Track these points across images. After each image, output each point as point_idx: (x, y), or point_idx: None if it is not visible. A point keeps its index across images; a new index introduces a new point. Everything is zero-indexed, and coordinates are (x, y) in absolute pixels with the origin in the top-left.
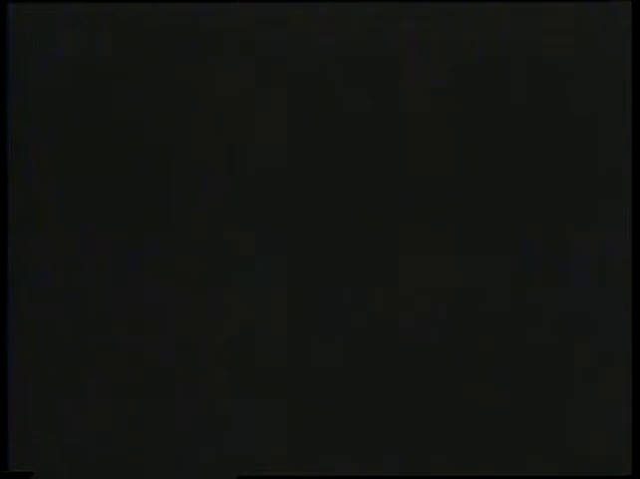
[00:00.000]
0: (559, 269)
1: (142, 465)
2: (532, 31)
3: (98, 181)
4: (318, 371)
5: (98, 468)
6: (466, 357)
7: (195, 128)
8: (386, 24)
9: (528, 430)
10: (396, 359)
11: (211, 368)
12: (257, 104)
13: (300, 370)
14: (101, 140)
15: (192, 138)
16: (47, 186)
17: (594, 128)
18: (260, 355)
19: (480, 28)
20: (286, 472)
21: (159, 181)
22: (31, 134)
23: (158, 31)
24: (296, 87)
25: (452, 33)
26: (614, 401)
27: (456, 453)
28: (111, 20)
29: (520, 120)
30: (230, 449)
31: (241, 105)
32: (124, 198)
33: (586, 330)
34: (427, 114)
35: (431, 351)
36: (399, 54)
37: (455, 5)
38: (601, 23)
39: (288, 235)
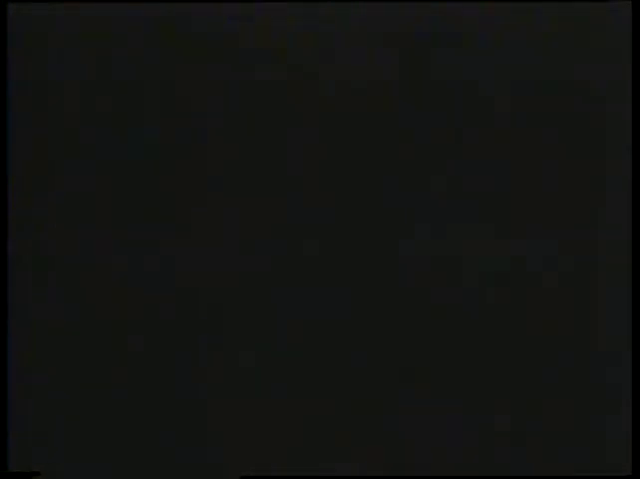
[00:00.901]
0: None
1: (142, 465)
2: (532, 31)
3: (98, 180)
4: (319, 372)
5: (98, 468)
6: (462, 356)
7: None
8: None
9: (527, 430)
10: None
11: (212, 367)
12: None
13: (302, 370)
14: (101, 139)
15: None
16: (47, 185)
17: (594, 128)
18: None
19: (478, 28)
20: (287, 472)
21: (159, 181)
22: (31, 134)
23: (157, 31)
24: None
25: (449, 34)
26: (614, 401)
27: (454, 452)
28: (110, 20)
29: (520, 121)
30: (233, 449)
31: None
32: (125, 197)
33: (586, 330)
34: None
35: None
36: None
37: (454, 5)
38: (601, 23)
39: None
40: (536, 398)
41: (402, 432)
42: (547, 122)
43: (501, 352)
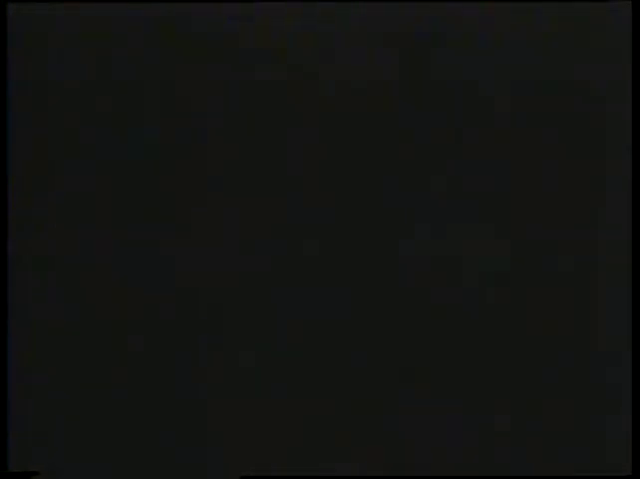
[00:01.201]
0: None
1: (142, 465)
2: (532, 31)
3: (98, 180)
4: (318, 372)
5: (98, 468)
6: (462, 356)
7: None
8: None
9: (527, 430)
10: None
11: (212, 367)
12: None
13: (302, 370)
14: (101, 139)
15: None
16: (47, 185)
17: (594, 128)
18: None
19: (478, 28)
20: (287, 472)
21: (159, 181)
22: (31, 134)
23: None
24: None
25: (450, 33)
26: (614, 401)
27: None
28: (109, 20)
29: (520, 121)
30: (233, 449)
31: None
32: (125, 197)
33: (586, 330)
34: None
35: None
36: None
37: (454, 5)
38: (601, 23)
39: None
40: (536, 398)
41: (402, 432)
42: (547, 122)
43: (501, 352)
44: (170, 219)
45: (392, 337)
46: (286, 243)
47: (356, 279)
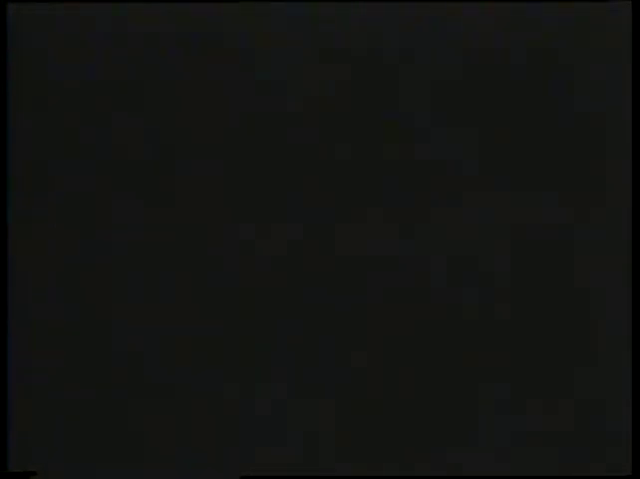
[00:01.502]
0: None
1: (142, 465)
2: (532, 31)
3: (98, 180)
4: (319, 371)
5: (98, 468)
6: (462, 357)
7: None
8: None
9: (528, 430)
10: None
11: (212, 367)
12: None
13: (302, 370)
14: (101, 139)
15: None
16: (47, 185)
17: (594, 128)
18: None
19: (478, 28)
20: (287, 472)
21: (159, 181)
22: (31, 134)
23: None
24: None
25: (450, 34)
26: (614, 401)
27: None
28: (109, 21)
29: (521, 122)
30: (233, 449)
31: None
32: (125, 197)
33: (586, 330)
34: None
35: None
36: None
37: (454, 5)
38: (601, 23)
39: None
40: (536, 398)
41: (403, 433)
42: (548, 121)
43: (502, 352)
44: (170, 218)
45: (392, 337)
46: (286, 243)
47: (356, 279)
